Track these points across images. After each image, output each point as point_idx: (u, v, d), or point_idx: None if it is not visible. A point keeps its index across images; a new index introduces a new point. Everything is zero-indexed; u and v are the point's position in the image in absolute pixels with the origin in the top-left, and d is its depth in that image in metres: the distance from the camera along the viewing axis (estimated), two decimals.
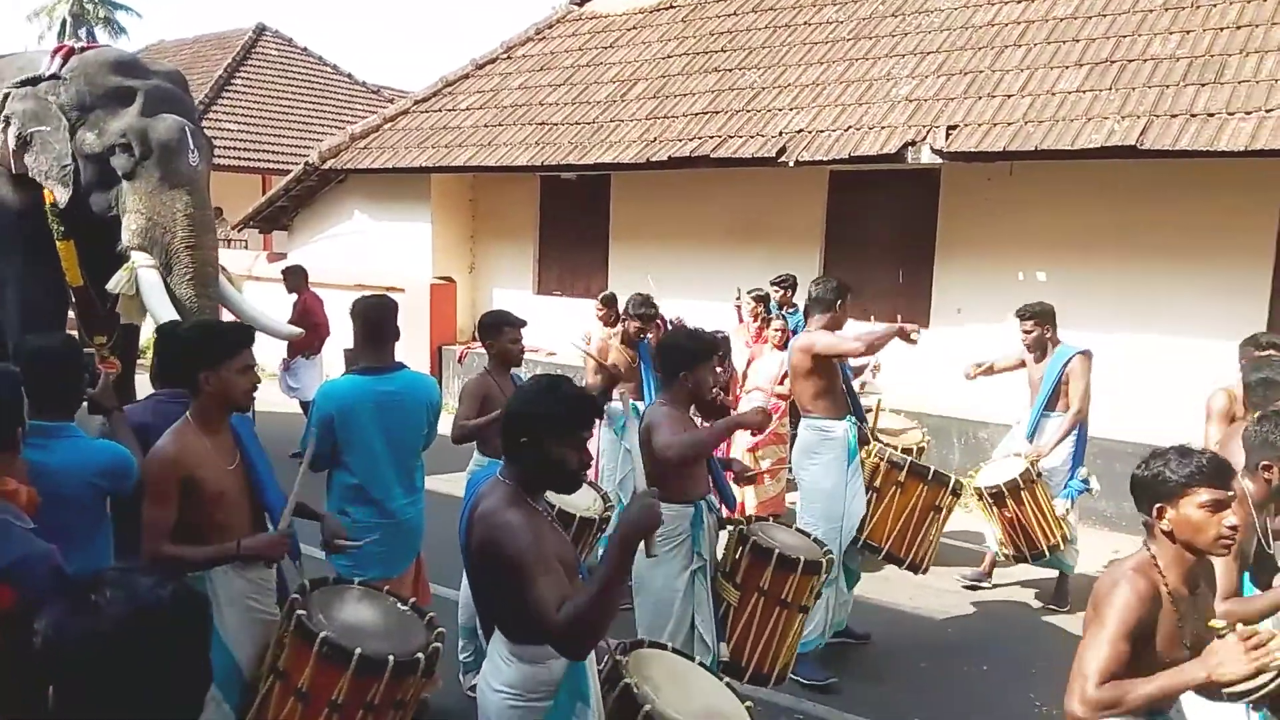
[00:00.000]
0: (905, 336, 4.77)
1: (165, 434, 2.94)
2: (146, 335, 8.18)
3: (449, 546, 2.88)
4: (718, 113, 9.21)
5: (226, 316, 7.38)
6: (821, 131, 8.35)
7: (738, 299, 8.12)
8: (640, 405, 5.71)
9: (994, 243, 8.36)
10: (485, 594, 2.54)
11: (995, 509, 5.69)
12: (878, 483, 4.97)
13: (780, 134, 8.50)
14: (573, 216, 10.99)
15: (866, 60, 9.09)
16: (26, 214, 6.92)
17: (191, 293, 6.66)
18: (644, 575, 3.78)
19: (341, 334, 8.58)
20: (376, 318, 4.02)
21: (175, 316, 6.42)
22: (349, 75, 21.92)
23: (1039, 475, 5.69)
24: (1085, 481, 5.89)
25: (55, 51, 7.22)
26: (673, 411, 3.76)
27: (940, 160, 7.73)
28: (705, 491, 3.89)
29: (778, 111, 8.85)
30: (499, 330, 4.70)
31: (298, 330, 8.11)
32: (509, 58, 12.09)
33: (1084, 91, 7.57)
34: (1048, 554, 5.65)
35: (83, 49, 7.29)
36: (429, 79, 12.33)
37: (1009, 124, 7.55)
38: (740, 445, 6.72)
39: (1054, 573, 6.00)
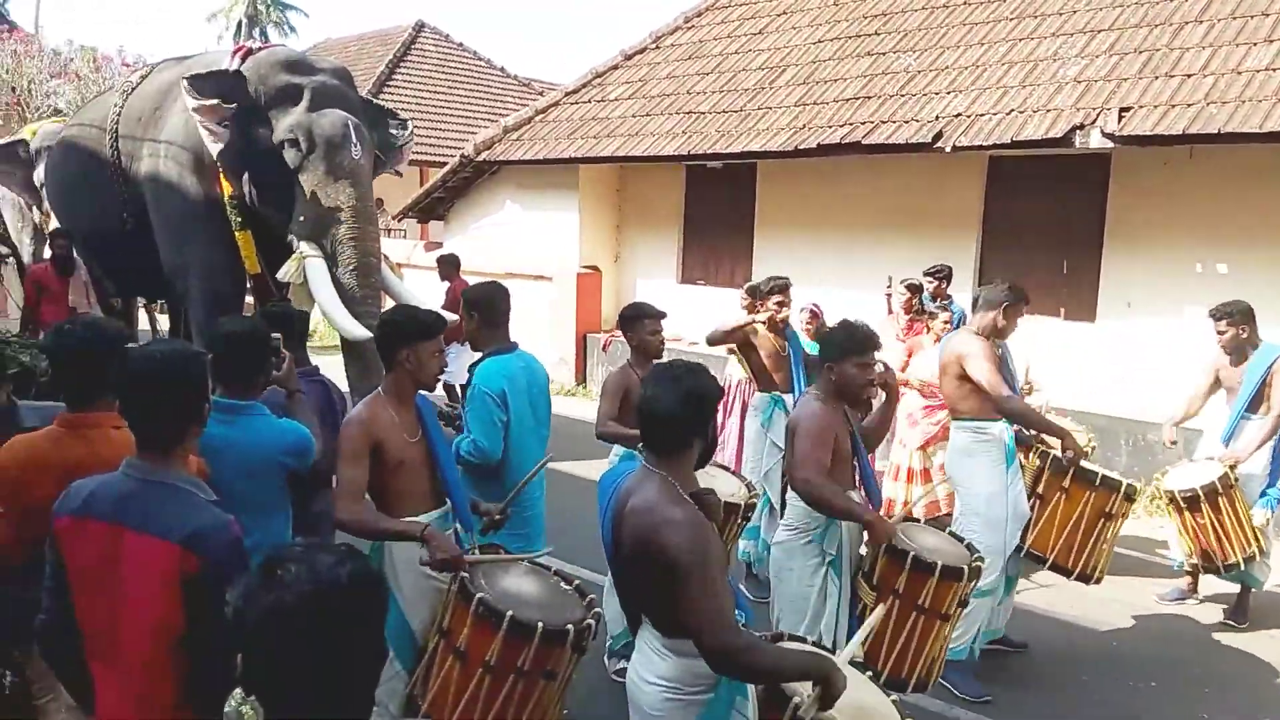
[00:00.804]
0: (1070, 447, 4.53)
1: (360, 403, 3.20)
2: (314, 320, 8.63)
3: (593, 528, 2.91)
4: (870, 98, 8.96)
5: (387, 303, 7.71)
6: (981, 115, 8.00)
7: (888, 288, 7.89)
8: (787, 398, 5.61)
9: (1169, 232, 7.82)
10: (637, 587, 2.51)
11: (1186, 515, 5.30)
12: (1040, 488, 4.70)
13: (937, 118, 8.19)
14: (718, 205, 10.94)
15: (1031, 40, 8.65)
16: (209, 205, 7.39)
17: (354, 281, 6.95)
18: (780, 569, 3.73)
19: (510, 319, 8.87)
20: (499, 302, 4.15)
21: (339, 304, 6.73)
22: (502, 69, 22.51)
23: (1236, 481, 5.28)
24: None
25: (235, 51, 7.66)
26: (822, 412, 3.60)
27: (1111, 144, 7.28)
28: (848, 487, 3.77)
29: (934, 95, 8.53)
30: (638, 322, 4.70)
31: (452, 317, 8.37)
32: (657, 47, 12.12)
33: (1274, 70, 6.97)
34: (1242, 565, 5.23)
35: (259, 49, 7.72)
36: (579, 71, 12.46)
37: (1189, 105, 7.04)
38: (912, 443, 6.53)
39: (1233, 586, 5.57)
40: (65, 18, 54.91)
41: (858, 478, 3.85)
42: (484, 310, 4.08)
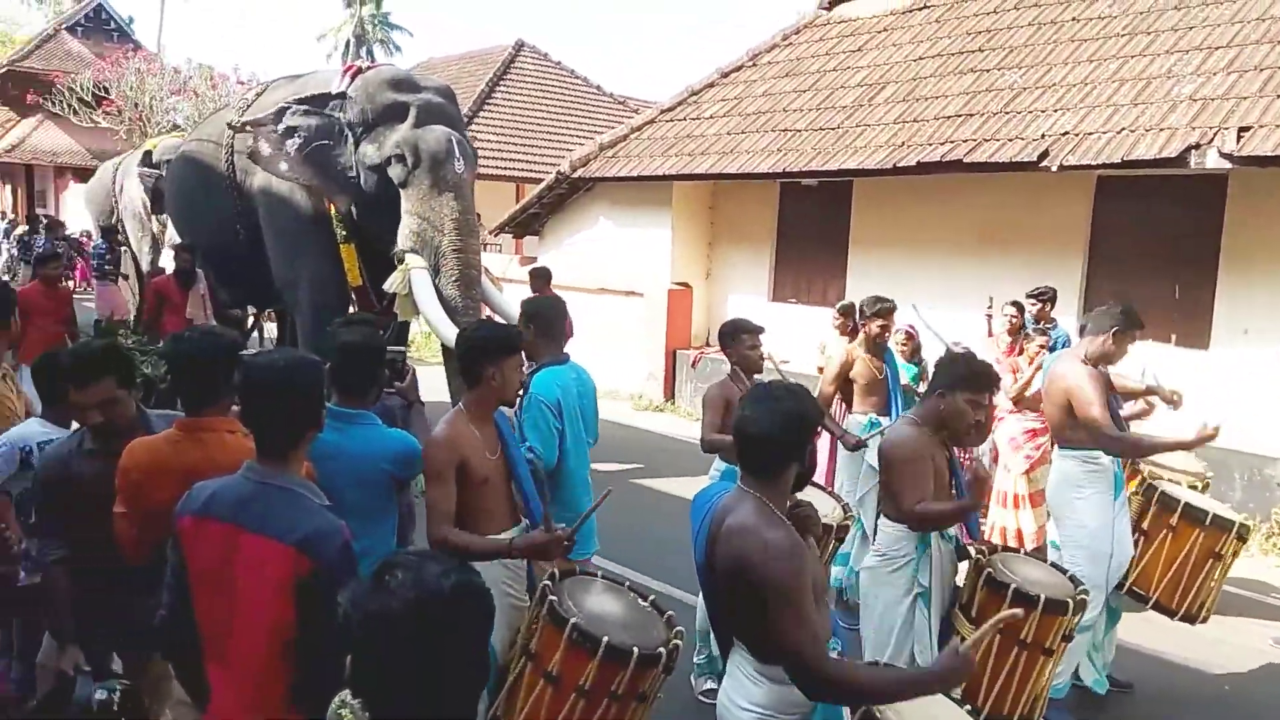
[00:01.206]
0: (1198, 443, 4.27)
1: (441, 421, 3.17)
2: (414, 331, 8.85)
3: (684, 548, 2.90)
4: (972, 115, 8.78)
5: (487, 314, 7.86)
6: (1090, 134, 7.76)
7: (989, 309, 7.70)
8: (883, 420, 5.51)
9: None
10: (731, 610, 2.47)
11: None
12: (1146, 524, 4.51)
13: (1043, 136, 7.98)
14: (812, 223, 10.85)
15: (1144, 57, 8.36)
16: (318, 219, 7.66)
17: (456, 293, 7.11)
18: (867, 597, 3.65)
19: (583, 337, 8.96)
20: (554, 315, 4.25)
21: (444, 315, 6.89)
22: (598, 87, 22.79)
23: None
24: None
25: (345, 71, 7.94)
26: (917, 438, 3.48)
27: (1229, 164, 6.97)
28: None
29: (1040, 113, 8.31)
30: (737, 337, 4.71)
31: None
32: (754, 65, 12.11)
33: None
34: None
35: (367, 68, 7.99)
36: (674, 89, 12.53)
37: None
38: (1016, 468, 6.35)
39: None
40: (185, 37, 57.74)
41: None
42: (539, 322, 4.16)
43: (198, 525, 2.28)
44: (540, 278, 9.54)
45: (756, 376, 4.72)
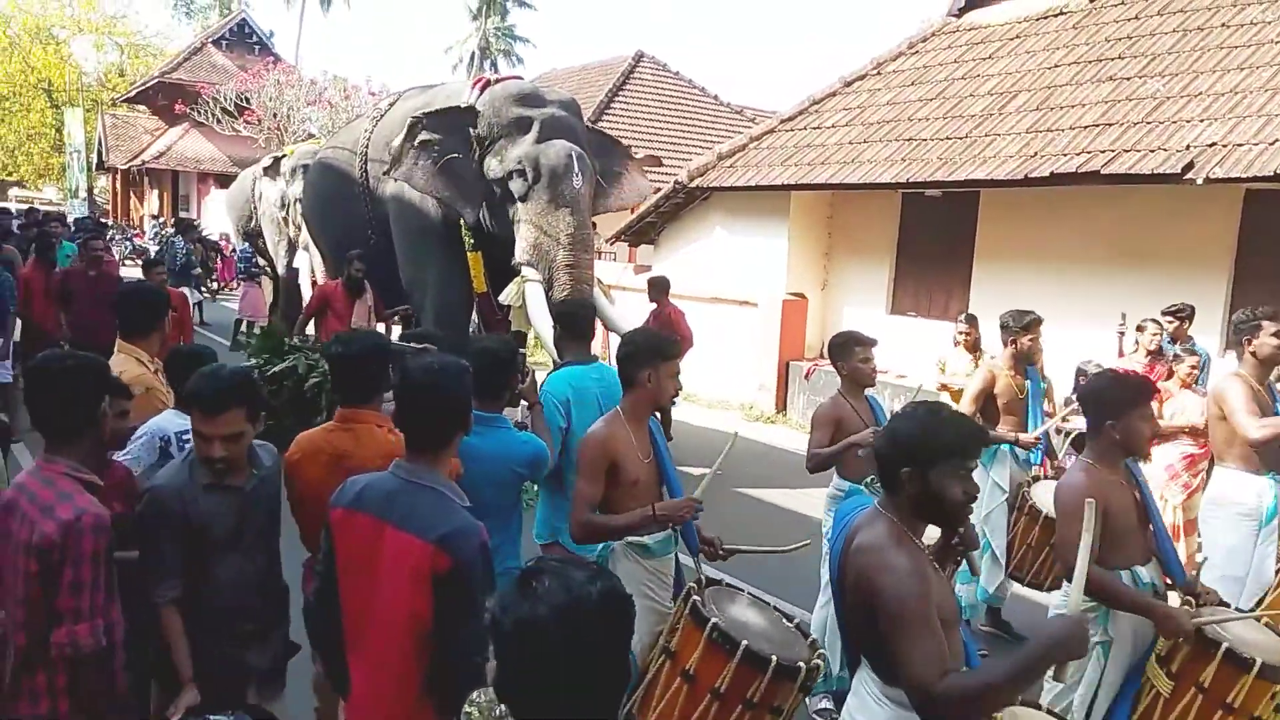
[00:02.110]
0: None
1: (599, 421, 3.29)
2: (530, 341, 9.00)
3: (795, 563, 2.86)
4: (1111, 125, 8.42)
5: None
6: (1240, 145, 7.35)
7: (1121, 326, 7.36)
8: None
9: None
10: (858, 628, 2.43)
11: None
12: None
13: (1188, 148, 7.59)
14: (935, 235, 10.59)
15: None
16: (447, 226, 7.89)
17: None
18: None
19: (695, 346, 8.95)
20: (579, 318, 4.45)
21: (552, 329, 7.00)
22: (715, 96, 22.82)
23: None
24: None
25: (475, 83, 8.16)
26: (1090, 484, 3.13)
27: None
28: (1141, 560, 3.29)
29: (1185, 123, 7.91)
30: (849, 349, 4.52)
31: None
32: (878, 73, 11.91)
33: None
34: None
35: (496, 81, 8.18)
36: (794, 99, 12.43)
37: None
38: (1174, 498, 6.04)
39: None
40: (319, 49, 60.41)
41: (1151, 541, 3.38)
42: (565, 324, 4.38)
43: (348, 517, 2.39)
44: (658, 287, 9.57)
45: (868, 391, 4.60)
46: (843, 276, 11.67)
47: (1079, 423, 5.85)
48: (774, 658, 2.66)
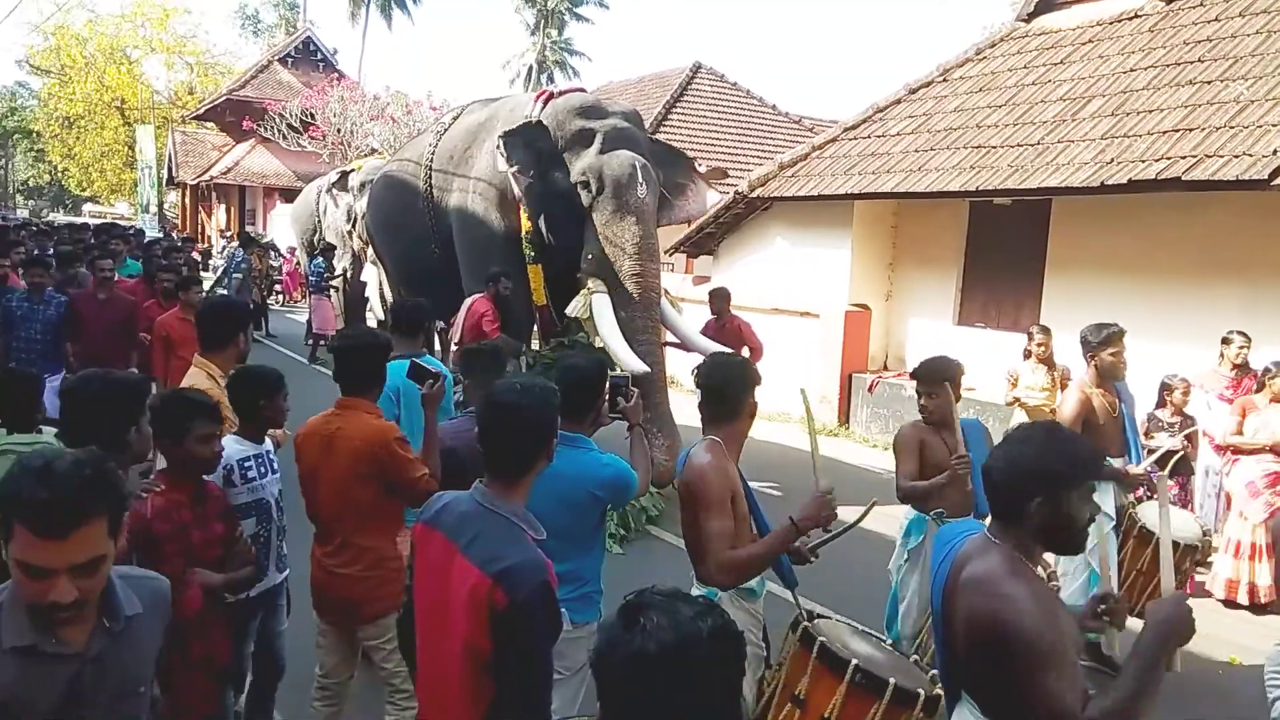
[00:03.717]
0: None
1: (706, 451, 3.04)
2: None
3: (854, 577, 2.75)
4: (1191, 130, 8.12)
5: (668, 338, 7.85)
6: None
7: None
8: (1117, 462, 4.87)
9: None
10: (966, 664, 2.29)
11: None
12: None
13: (1275, 153, 7.27)
14: (1004, 244, 10.33)
15: None
16: (508, 238, 7.89)
17: (635, 315, 7.15)
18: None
19: (773, 356, 8.80)
20: (412, 308, 4.98)
21: (623, 340, 6.94)
22: (773, 106, 22.67)
23: None
24: None
25: (538, 97, 8.17)
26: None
27: None
28: None
29: (1271, 127, 7.59)
30: (927, 385, 4.33)
31: (720, 349, 8.41)
32: (944, 80, 11.68)
33: None
34: None
35: (559, 94, 8.17)
36: (855, 109, 12.25)
37: None
38: (1255, 515, 5.77)
39: None
40: (382, 65, 61.53)
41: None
42: (398, 318, 4.91)
43: (427, 533, 2.34)
44: (720, 298, 9.47)
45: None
46: (908, 287, 11.45)
47: (1164, 440, 5.64)
48: (891, 681, 2.58)
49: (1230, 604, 5.85)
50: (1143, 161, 8.09)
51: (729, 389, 3.13)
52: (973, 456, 3.96)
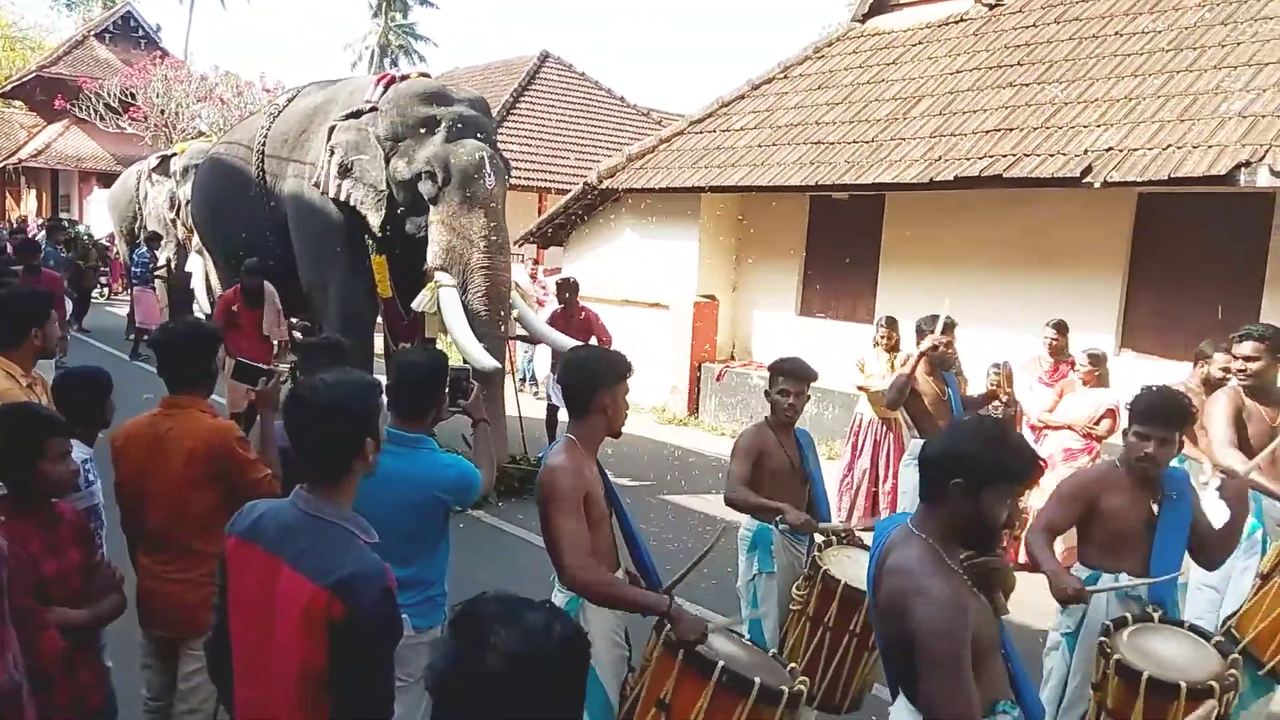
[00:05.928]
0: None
1: (561, 451, 2.90)
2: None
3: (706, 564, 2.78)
4: (1012, 130, 8.62)
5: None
6: (1134, 150, 7.58)
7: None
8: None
9: None
10: (891, 653, 2.29)
11: None
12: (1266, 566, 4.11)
13: (1085, 152, 7.80)
14: (842, 238, 10.68)
15: (1190, 73, 8.18)
16: (348, 229, 7.55)
17: (483, 309, 6.99)
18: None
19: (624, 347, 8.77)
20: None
21: (471, 335, 6.76)
22: (621, 99, 22.73)
23: None
24: None
25: (379, 80, 7.84)
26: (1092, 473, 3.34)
27: None
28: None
29: (1082, 128, 8.14)
30: (772, 379, 4.06)
31: (572, 342, 8.35)
32: (785, 77, 11.98)
33: None
34: None
35: (401, 78, 7.88)
36: (700, 102, 12.42)
37: None
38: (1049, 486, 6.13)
39: None
40: (211, 44, 58.23)
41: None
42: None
43: (241, 548, 2.13)
44: (568, 288, 9.40)
45: (799, 428, 4.27)
46: (753, 278, 11.69)
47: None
48: (757, 680, 2.54)
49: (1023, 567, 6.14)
50: (969, 159, 8.52)
51: (582, 386, 2.98)
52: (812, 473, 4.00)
